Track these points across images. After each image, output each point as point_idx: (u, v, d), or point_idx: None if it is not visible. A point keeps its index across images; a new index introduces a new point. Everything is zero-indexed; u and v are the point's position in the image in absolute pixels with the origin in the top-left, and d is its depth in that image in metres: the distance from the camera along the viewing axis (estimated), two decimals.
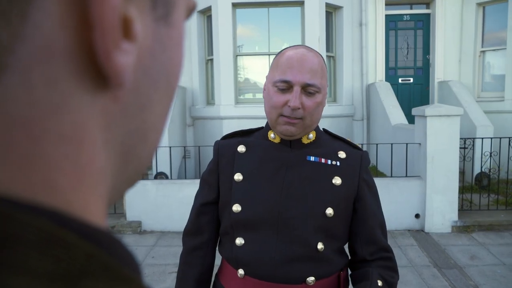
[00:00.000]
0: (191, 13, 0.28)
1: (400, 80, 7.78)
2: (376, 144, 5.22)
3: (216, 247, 1.29)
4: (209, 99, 7.21)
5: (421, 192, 4.84)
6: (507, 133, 6.17)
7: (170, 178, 5.34)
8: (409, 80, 7.78)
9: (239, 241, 1.14)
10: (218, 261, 1.26)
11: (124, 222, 4.89)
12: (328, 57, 7.03)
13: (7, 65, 0.17)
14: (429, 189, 4.77)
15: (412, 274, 3.73)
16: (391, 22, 7.65)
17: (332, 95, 7.24)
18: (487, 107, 6.75)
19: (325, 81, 1.12)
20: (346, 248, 1.24)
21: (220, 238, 1.26)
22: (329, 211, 1.12)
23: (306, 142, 1.18)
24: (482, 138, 5.33)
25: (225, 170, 1.20)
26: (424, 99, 7.68)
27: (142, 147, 0.25)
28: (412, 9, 7.70)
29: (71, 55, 0.19)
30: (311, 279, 1.11)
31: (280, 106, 1.09)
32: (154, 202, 4.90)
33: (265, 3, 6.58)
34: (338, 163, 1.17)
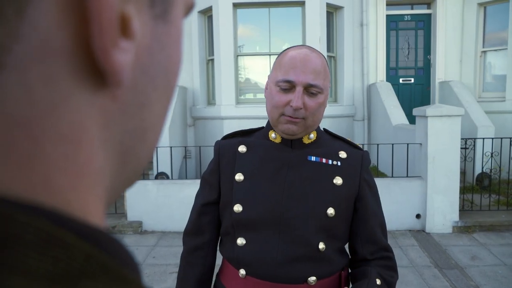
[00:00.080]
0: (190, 11, 0.27)
1: (401, 80, 7.77)
2: (377, 145, 5.22)
3: (217, 247, 1.29)
4: (210, 99, 7.21)
5: (422, 192, 4.84)
6: (508, 133, 6.17)
7: (171, 178, 5.34)
8: (410, 80, 7.78)
9: (241, 241, 1.14)
10: (219, 261, 1.26)
11: (125, 222, 4.89)
12: (329, 57, 7.03)
13: (5, 65, 0.17)
14: (430, 189, 4.77)
15: (413, 275, 3.72)
16: (392, 22, 7.65)
17: (333, 95, 7.24)
18: (488, 107, 6.75)
19: (328, 82, 1.12)
20: (347, 248, 1.24)
21: (221, 238, 1.26)
22: (330, 211, 1.12)
23: (307, 142, 1.18)
24: (483, 139, 5.33)
25: (226, 170, 1.20)
26: (425, 99, 7.67)
27: (141, 147, 0.25)
28: (413, 9, 7.70)
29: (69, 54, 0.18)
30: (313, 279, 1.11)
31: (282, 106, 1.09)
32: (155, 202, 4.90)
33: (266, 3, 6.58)
34: (339, 163, 1.17)
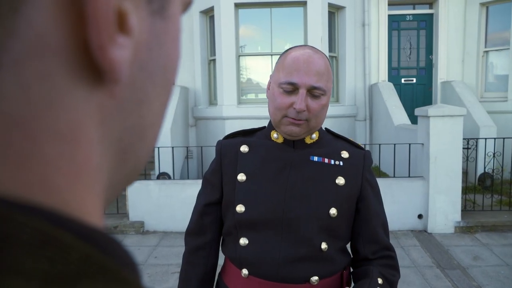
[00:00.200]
0: (188, 7, 0.27)
1: (403, 81, 7.76)
2: (379, 145, 5.22)
3: (219, 247, 1.29)
4: (212, 100, 7.21)
5: (424, 193, 4.83)
6: (511, 133, 6.16)
7: (173, 179, 5.34)
8: (412, 80, 7.77)
9: (243, 241, 1.14)
10: (221, 261, 1.26)
11: (127, 222, 4.90)
12: (331, 58, 7.02)
13: (1, 63, 0.17)
14: (432, 190, 4.76)
15: (415, 275, 3.72)
16: (394, 22, 7.64)
17: (335, 96, 7.23)
18: (490, 107, 6.73)
19: (331, 83, 1.11)
20: (348, 247, 1.24)
21: (223, 238, 1.26)
22: (333, 211, 1.12)
23: (309, 142, 1.18)
24: (485, 139, 5.32)
25: (228, 170, 1.20)
26: (427, 100, 7.66)
27: (140, 144, 0.24)
28: (415, 9, 7.69)
29: (66, 51, 0.18)
30: (315, 279, 1.11)
31: (285, 108, 1.08)
32: (157, 202, 4.90)
33: (268, 4, 6.58)
34: (341, 163, 1.17)
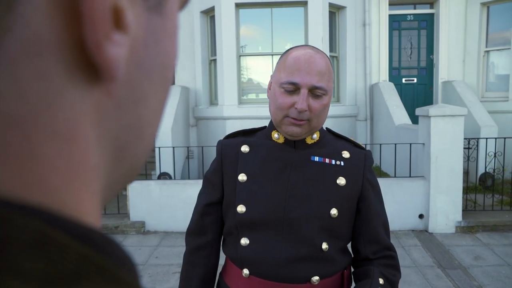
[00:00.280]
0: (185, 4, 0.27)
1: (404, 80, 7.76)
2: (380, 144, 5.21)
3: (220, 247, 1.29)
4: (212, 100, 7.21)
5: (425, 192, 4.83)
6: (511, 133, 6.15)
7: (174, 179, 5.35)
8: (413, 80, 7.76)
9: (244, 241, 1.14)
10: (222, 261, 1.26)
11: (128, 223, 4.90)
12: (332, 57, 7.02)
13: None
14: (433, 189, 4.76)
15: (416, 275, 3.71)
16: (395, 22, 7.63)
17: (336, 95, 7.23)
18: (491, 107, 6.73)
19: (332, 83, 1.11)
20: (349, 247, 1.24)
21: (224, 238, 1.26)
22: (334, 212, 1.12)
23: (310, 142, 1.18)
24: (486, 138, 5.32)
25: (229, 170, 1.20)
26: (428, 99, 7.65)
27: (138, 143, 0.24)
28: (416, 9, 7.68)
29: (61, 48, 0.18)
30: (316, 279, 1.11)
31: (287, 108, 1.08)
32: (158, 203, 4.90)
33: (268, 4, 6.58)
34: (342, 163, 1.16)
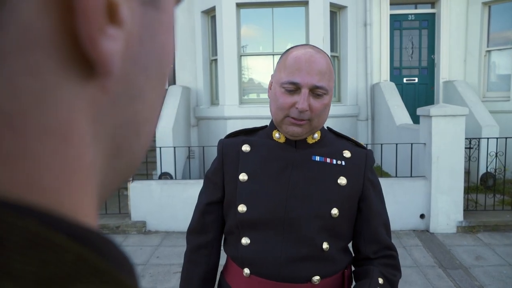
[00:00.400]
0: None
1: (405, 80, 7.75)
2: (381, 144, 5.21)
3: (221, 246, 1.29)
4: (213, 99, 7.22)
5: (426, 192, 4.82)
6: None
7: (175, 178, 5.35)
8: (414, 80, 7.76)
9: (245, 241, 1.14)
10: (222, 261, 1.26)
11: (129, 222, 4.91)
12: (333, 57, 7.02)
13: None
14: (434, 189, 4.75)
15: (417, 275, 3.71)
16: (396, 22, 7.63)
17: (337, 95, 7.23)
18: (493, 107, 6.72)
19: (332, 83, 1.11)
20: (350, 246, 1.24)
21: (225, 237, 1.26)
22: (334, 212, 1.12)
23: (311, 142, 1.18)
24: (488, 138, 5.31)
25: (230, 170, 1.20)
26: (429, 99, 7.65)
27: (135, 140, 0.24)
28: (417, 9, 7.68)
29: (54, 43, 0.17)
30: (316, 278, 1.11)
31: (287, 108, 1.08)
32: (159, 202, 4.91)
33: (269, 3, 6.58)
34: (343, 163, 1.16)
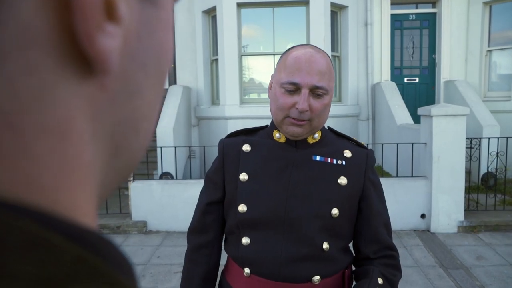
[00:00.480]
0: None
1: (406, 80, 7.74)
2: (382, 144, 5.20)
3: (221, 245, 1.29)
4: (214, 99, 7.22)
5: (427, 192, 4.82)
6: None
7: (175, 178, 5.35)
8: (415, 80, 7.75)
9: (245, 241, 1.14)
10: (223, 261, 1.26)
11: (130, 222, 4.91)
12: (333, 57, 7.02)
13: None
14: (435, 189, 4.75)
15: (418, 275, 3.71)
16: (397, 22, 7.62)
17: (337, 95, 7.23)
18: (494, 107, 6.71)
19: (333, 83, 1.11)
20: (351, 246, 1.24)
21: (226, 237, 1.26)
22: (335, 211, 1.12)
23: (312, 142, 1.17)
24: (489, 138, 5.30)
25: (230, 169, 1.20)
26: (430, 99, 7.64)
27: (134, 138, 0.23)
28: (418, 9, 7.67)
29: (52, 41, 0.17)
30: (317, 278, 1.10)
31: (287, 108, 1.08)
32: (160, 202, 4.91)
33: (270, 3, 6.58)
34: (344, 163, 1.16)
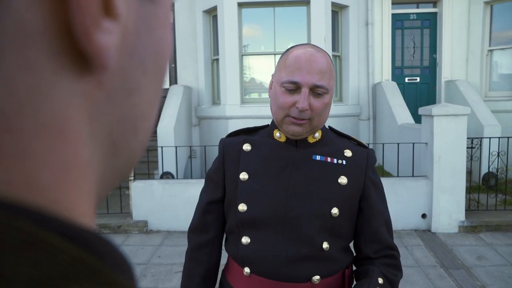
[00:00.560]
0: None
1: (407, 80, 7.74)
2: (383, 144, 5.20)
3: (222, 245, 1.29)
4: (215, 99, 7.22)
5: (428, 192, 4.81)
6: None
7: (176, 178, 5.36)
8: (416, 80, 7.74)
9: (245, 240, 1.14)
10: (224, 260, 1.26)
11: (131, 222, 4.91)
12: (334, 57, 7.02)
13: None
14: (436, 189, 4.74)
15: (419, 274, 3.71)
16: (398, 21, 7.62)
17: (338, 95, 7.22)
18: (495, 107, 6.70)
19: (333, 82, 1.11)
20: (351, 245, 1.23)
21: (226, 236, 1.27)
22: (335, 211, 1.12)
23: (312, 141, 1.17)
24: (490, 138, 5.29)
25: (231, 169, 1.20)
26: (431, 99, 7.63)
27: (132, 137, 0.23)
28: (419, 8, 7.66)
29: (48, 38, 0.17)
30: (317, 278, 1.10)
31: (288, 107, 1.08)
32: (160, 202, 4.91)
33: (271, 3, 6.58)
34: (344, 162, 1.16)
